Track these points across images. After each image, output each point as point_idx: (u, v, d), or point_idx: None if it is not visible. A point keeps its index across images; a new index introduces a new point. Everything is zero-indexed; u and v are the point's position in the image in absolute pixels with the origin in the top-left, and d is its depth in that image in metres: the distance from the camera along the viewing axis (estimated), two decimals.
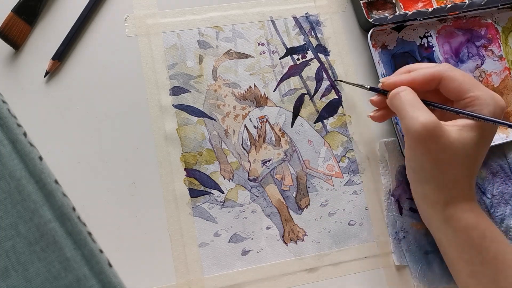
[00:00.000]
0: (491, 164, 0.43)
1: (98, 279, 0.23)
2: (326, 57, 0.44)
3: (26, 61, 0.40)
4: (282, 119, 0.42)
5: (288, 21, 0.45)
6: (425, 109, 0.33)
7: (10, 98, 0.28)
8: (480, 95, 0.34)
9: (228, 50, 0.43)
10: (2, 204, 0.23)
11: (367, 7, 0.45)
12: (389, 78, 0.37)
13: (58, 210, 0.23)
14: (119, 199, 0.38)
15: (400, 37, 0.45)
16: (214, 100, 0.42)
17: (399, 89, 0.35)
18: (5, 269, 0.22)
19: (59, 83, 0.40)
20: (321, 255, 0.39)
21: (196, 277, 0.37)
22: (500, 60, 0.46)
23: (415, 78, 0.35)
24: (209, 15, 0.44)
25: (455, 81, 0.34)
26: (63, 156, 0.39)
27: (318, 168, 0.41)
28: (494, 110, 0.33)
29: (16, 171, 0.23)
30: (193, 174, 0.39)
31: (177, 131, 0.40)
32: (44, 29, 0.42)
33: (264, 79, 0.43)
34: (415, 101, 0.33)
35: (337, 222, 0.40)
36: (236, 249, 0.38)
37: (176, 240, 0.38)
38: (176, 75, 0.42)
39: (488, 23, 0.47)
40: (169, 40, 0.42)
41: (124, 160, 0.39)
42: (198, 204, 0.39)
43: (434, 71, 0.35)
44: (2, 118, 0.24)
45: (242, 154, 0.41)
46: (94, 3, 0.42)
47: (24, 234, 0.22)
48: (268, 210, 0.39)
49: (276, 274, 0.38)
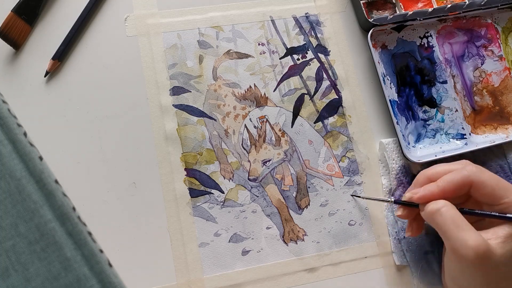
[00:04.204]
0: (491, 164, 0.43)
1: (98, 279, 0.23)
2: (326, 57, 0.44)
3: (26, 61, 0.41)
4: (282, 119, 0.42)
5: (288, 21, 0.45)
6: (472, 229, 0.31)
7: (10, 98, 0.28)
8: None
9: (228, 50, 0.43)
10: (2, 204, 0.23)
11: (367, 7, 0.45)
12: (416, 192, 0.34)
13: (58, 210, 0.23)
14: (119, 199, 0.38)
15: (400, 37, 0.45)
16: (214, 100, 0.42)
17: (439, 204, 0.32)
18: (5, 269, 0.22)
19: (59, 83, 0.40)
20: (321, 255, 0.39)
21: (196, 277, 0.37)
22: (500, 60, 0.46)
23: (445, 188, 0.33)
24: (209, 15, 0.44)
25: (487, 187, 0.33)
26: (63, 156, 0.39)
27: (318, 168, 0.41)
28: None
29: (16, 171, 0.23)
30: (193, 174, 0.39)
31: (177, 131, 0.40)
32: (44, 29, 0.42)
33: (264, 79, 0.43)
34: (459, 220, 0.31)
35: (337, 222, 0.40)
36: (236, 249, 0.38)
37: (176, 240, 0.38)
38: (176, 75, 0.42)
39: (488, 23, 0.47)
40: (169, 40, 0.42)
41: (124, 160, 0.39)
42: (198, 204, 0.39)
43: (463, 178, 0.33)
44: (2, 118, 0.24)
45: (242, 154, 0.41)
46: (94, 3, 0.42)
47: (24, 234, 0.22)
48: (268, 210, 0.39)
49: (276, 274, 0.38)
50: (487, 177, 0.33)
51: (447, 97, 0.44)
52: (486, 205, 0.34)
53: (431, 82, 0.45)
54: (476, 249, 0.30)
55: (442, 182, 0.34)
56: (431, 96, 0.44)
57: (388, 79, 0.44)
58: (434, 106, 0.44)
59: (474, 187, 0.33)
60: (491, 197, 0.33)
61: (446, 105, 0.44)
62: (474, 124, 0.44)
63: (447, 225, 0.32)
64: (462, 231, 0.31)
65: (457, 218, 0.32)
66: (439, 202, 0.33)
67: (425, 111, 0.44)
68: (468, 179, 0.33)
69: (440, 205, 0.33)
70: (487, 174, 0.33)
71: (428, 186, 0.34)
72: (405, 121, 0.43)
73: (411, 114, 0.44)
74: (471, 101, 0.45)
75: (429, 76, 0.45)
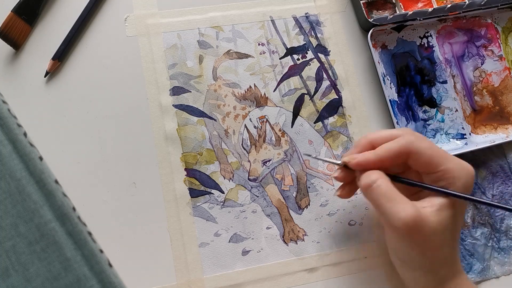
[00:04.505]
0: (491, 164, 0.43)
1: (98, 279, 0.23)
2: (326, 57, 0.44)
3: (26, 61, 0.40)
4: (282, 119, 0.42)
5: (288, 21, 0.45)
6: (403, 200, 0.31)
7: (10, 98, 0.28)
8: (451, 168, 0.32)
9: (228, 50, 0.43)
10: (2, 204, 0.23)
11: (367, 7, 0.45)
12: (354, 158, 0.34)
13: (58, 210, 0.23)
14: (119, 199, 0.38)
15: (400, 37, 0.45)
16: (214, 100, 0.42)
17: (372, 178, 0.33)
18: (5, 269, 0.22)
19: (59, 83, 0.40)
20: (321, 255, 0.39)
21: (196, 277, 0.37)
22: (500, 60, 0.46)
23: (383, 157, 0.33)
24: (209, 15, 0.44)
25: (424, 155, 0.33)
26: (63, 156, 0.39)
27: (318, 168, 0.41)
28: (466, 180, 0.33)
29: (16, 171, 0.23)
30: (193, 174, 0.39)
31: (177, 131, 0.40)
32: (44, 29, 0.42)
33: (264, 79, 0.43)
34: (391, 193, 0.32)
35: (337, 222, 0.40)
36: (236, 249, 0.38)
37: (176, 240, 0.38)
38: (176, 75, 0.42)
39: (488, 23, 0.47)
40: (169, 40, 0.42)
41: (124, 160, 0.39)
42: (198, 204, 0.39)
43: (400, 147, 0.33)
44: (2, 118, 0.24)
45: (242, 154, 0.41)
46: (94, 3, 0.42)
47: (24, 234, 0.22)
48: (268, 210, 0.40)
49: (276, 274, 0.38)
50: (424, 146, 0.33)
51: (447, 97, 0.44)
52: (425, 175, 0.34)
53: (431, 82, 0.45)
54: (407, 219, 0.30)
55: (380, 151, 0.34)
56: (431, 96, 0.44)
57: (388, 79, 0.44)
58: (434, 106, 0.44)
59: (412, 156, 0.33)
60: (428, 165, 0.33)
61: (446, 105, 0.44)
62: (474, 124, 0.44)
63: (379, 200, 0.32)
64: (394, 204, 0.31)
65: (390, 192, 0.32)
66: (372, 175, 0.33)
67: (425, 111, 0.44)
68: (405, 149, 0.33)
69: (373, 178, 0.33)
70: (424, 143, 0.33)
71: (367, 153, 0.34)
72: (405, 121, 0.43)
73: (411, 114, 0.44)
74: (471, 101, 0.45)
75: (429, 76, 0.45)
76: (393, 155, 0.33)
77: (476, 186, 0.42)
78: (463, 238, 0.41)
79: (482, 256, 0.41)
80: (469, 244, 0.41)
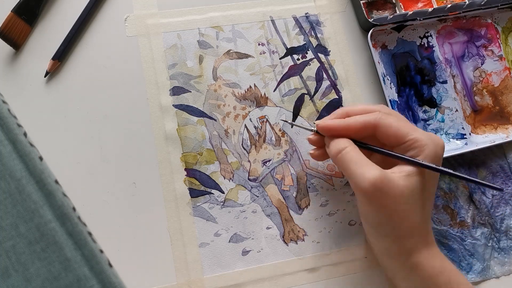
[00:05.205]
0: (491, 164, 0.43)
1: (98, 279, 0.23)
2: (326, 57, 0.44)
3: (26, 61, 0.41)
4: (282, 119, 0.42)
5: (288, 21, 0.45)
6: (370, 164, 0.32)
7: (10, 98, 0.28)
8: (418, 137, 0.33)
9: (228, 50, 0.43)
10: (2, 204, 0.23)
11: (367, 7, 0.45)
12: (324, 121, 0.36)
13: (58, 210, 0.23)
14: (119, 199, 0.38)
15: (400, 37, 0.45)
16: (214, 100, 0.42)
17: (341, 145, 0.34)
18: (5, 269, 0.22)
19: (59, 83, 0.40)
20: (321, 255, 0.39)
21: (196, 277, 0.37)
22: (500, 60, 0.46)
23: (350, 125, 0.35)
24: (209, 15, 0.44)
25: (391, 127, 0.34)
26: (63, 156, 0.39)
27: (318, 168, 0.41)
28: (435, 149, 0.33)
29: (16, 171, 0.23)
30: (193, 174, 0.39)
31: (177, 131, 0.40)
32: (44, 29, 0.42)
33: (264, 79, 0.43)
34: (358, 158, 0.33)
35: (337, 222, 0.40)
36: (236, 249, 0.38)
37: (176, 240, 0.38)
38: (176, 75, 0.42)
39: (488, 23, 0.47)
40: (169, 40, 0.42)
41: (124, 160, 0.39)
42: (198, 204, 0.39)
43: (368, 120, 0.34)
44: (2, 118, 0.24)
45: (242, 154, 0.41)
46: (94, 3, 0.42)
47: (24, 234, 0.22)
48: (268, 210, 0.40)
49: (276, 274, 0.38)
50: (391, 119, 0.34)
51: (447, 97, 0.44)
52: (395, 148, 0.35)
53: (431, 82, 0.45)
54: (373, 179, 0.31)
55: (349, 119, 0.35)
56: (431, 96, 0.44)
57: (388, 79, 0.44)
58: (434, 106, 0.44)
59: (379, 129, 0.34)
60: (396, 137, 0.34)
61: (446, 105, 0.44)
62: (474, 124, 0.44)
63: (347, 164, 0.33)
64: (361, 167, 0.32)
65: (358, 157, 0.33)
66: (341, 142, 0.34)
67: (425, 111, 0.44)
68: (374, 120, 0.34)
69: (342, 145, 0.34)
70: (392, 116, 0.34)
71: (336, 120, 0.36)
72: None
73: (411, 114, 0.44)
74: (471, 101, 0.45)
75: (429, 76, 0.45)
76: (360, 125, 0.34)
77: (476, 186, 0.42)
78: (463, 238, 0.41)
79: (482, 256, 0.41)
80: (469, 244, 0.41)
